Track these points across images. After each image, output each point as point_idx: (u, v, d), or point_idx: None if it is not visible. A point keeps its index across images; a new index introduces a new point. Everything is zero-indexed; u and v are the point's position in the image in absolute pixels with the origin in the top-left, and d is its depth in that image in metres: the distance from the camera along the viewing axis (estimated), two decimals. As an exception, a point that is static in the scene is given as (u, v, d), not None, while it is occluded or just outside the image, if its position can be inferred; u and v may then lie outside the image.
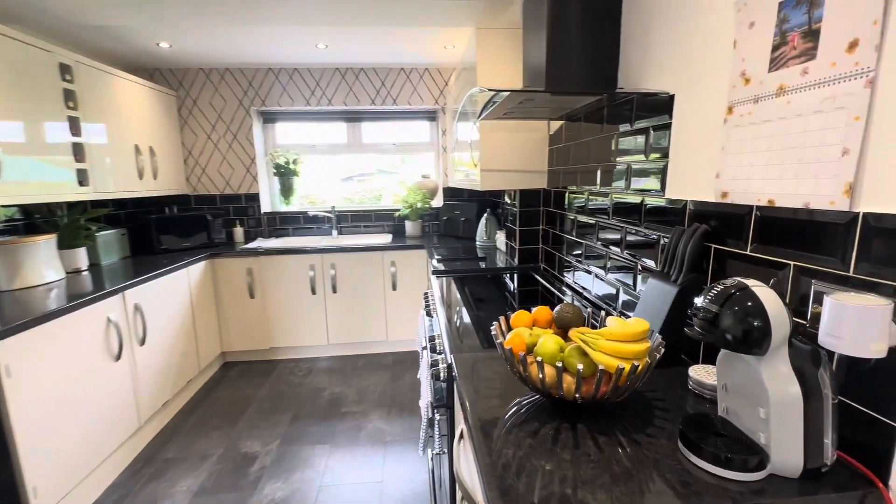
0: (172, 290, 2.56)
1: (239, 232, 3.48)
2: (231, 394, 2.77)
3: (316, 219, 3.65)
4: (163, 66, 3.24)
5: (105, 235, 2.66)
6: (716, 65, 1.01)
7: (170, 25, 2.40)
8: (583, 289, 1.78)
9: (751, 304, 0.66)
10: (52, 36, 2.47)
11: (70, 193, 2.21)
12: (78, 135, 2.27)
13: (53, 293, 1.93)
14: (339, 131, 3.70)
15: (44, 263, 2.11)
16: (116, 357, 2.03)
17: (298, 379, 2.95)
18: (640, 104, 1.33)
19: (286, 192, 3.69)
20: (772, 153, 0.85)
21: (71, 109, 2.23)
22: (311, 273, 3.11)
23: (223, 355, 3.23)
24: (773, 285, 0.66)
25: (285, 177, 3.65)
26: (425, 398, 1.42)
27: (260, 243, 3.32)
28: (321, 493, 1.88)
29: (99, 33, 2.49)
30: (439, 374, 1.30)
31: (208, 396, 2.75)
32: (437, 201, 3.73)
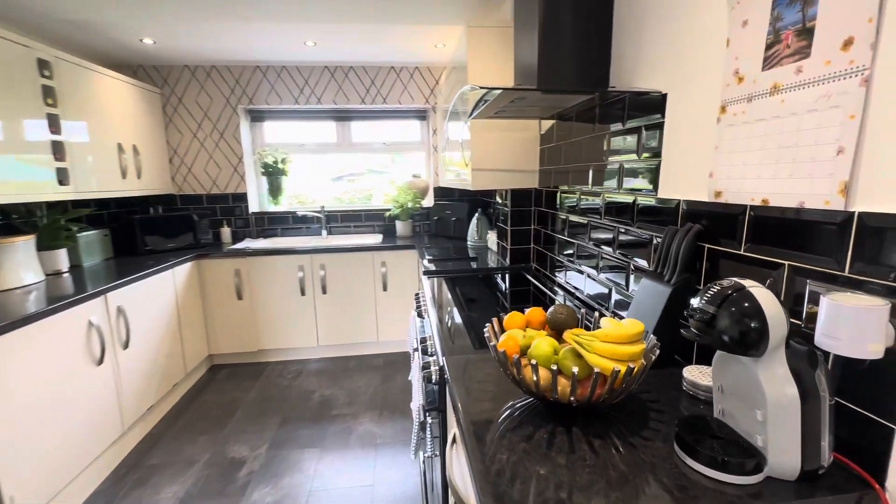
0: (157, 292, 2.50)
1: (226, 232, 3.42)
2: (218, 397, 2.72)
3: (305, 219, 3.60)
4: (147, 62, 3.17)
5: (87, 236, 2.59)
6: (709, 63, 1.01)
7: (152, 20, 2.34)
8: (575, 289, 1.77)
9: (748, 305, 0.65)
10: (29, 31, 2.40)
11: (50, 193, 2.15)
12: (58, 132, 2.20)
13: (32, 296, 1.87)
14: (328, 130, 3.65)
15: (22, 265, 2.05)
16: (98, 361, 1.98)
17: (287, 381, 2.91)
18: (632, 103, 1.32)
19: (274, 191, 3.64)
20: (766, 152, 0.84)
21: (50, 106, 2.16)
22: (301, 274, 3.07)
23: (210, 358, 3.17)
24: (769, 285, 0.65)
25: (273, 176, 3.59)
26: (417, 401, 1.40)
27: (248, 244, 3.27)
28: (311, 498, 1.85)
29: (79, 28, 2.43)
30: (431, 377, 1.28)
31: (195, 400, 2.69)
32: (428, 201, 3.71)
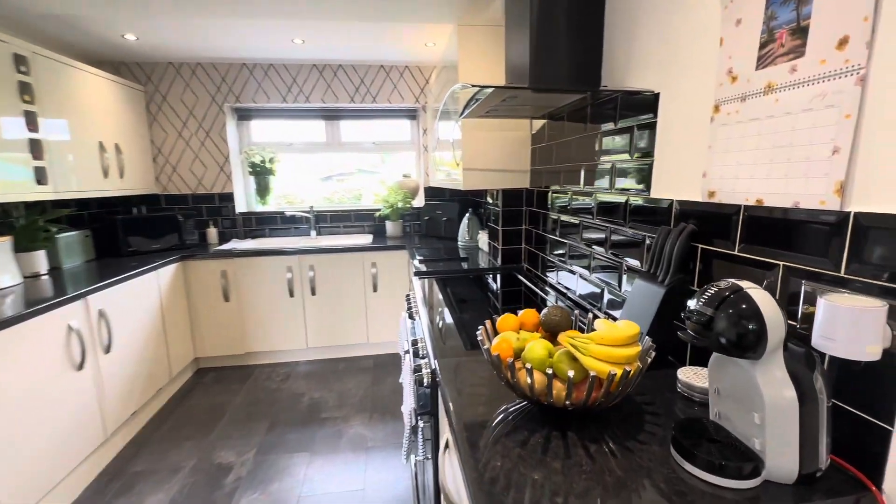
0: (141, 294, 2.43)
1: (213, 233, 3.35)
2: (205, 401, 2.66)
3: (294, 219, 3.55)
4: (129, 59, 3.09)
5: (67, 237, 2.52)
6: (702, 63, 1.00)
7: (133, 16, 2.28)
8: (566, 289, 1.76)
9: (745, 306, 0.64)
10: (5, 25, 2.31)
11: (27, 193, 2.07)
12: (35, 130, 2.13)
13: (9, 299, 1.81)
14: (317, 129, 3.60)
15: (-2, 268, 1.98)
16: (79, 366, 1.92)
17: (276, 384, 2.86)
18: (624, 102, 1.31)
19: (262, 191, 3.58)
20: (760, 152, 0.84)
21: (27, 103, 2.09)
22: (289, 275, 3.02)
23: (196, 361, 3.10)
24: (767, 286, 0.64)
25: (261, 176, 3.54)
26: (408, 404, 1.37)
27: (235, 244, 3.21)
28: (300, 504, 1.81)
29: (58, 23, 2.35)
30: (423, 380, 1.26)
31: (180, 405, 2.63)
32: (419, 201, 3.68)
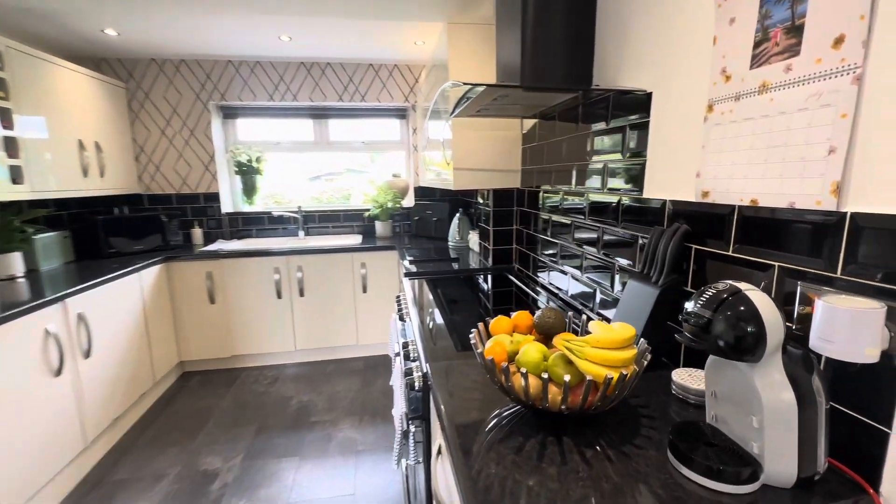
0: (122, 297, 2.37)
1: (198, 233, 3.28)
2: (190, 406, 2.60)
3: (281, 219, 3.49)
4: (110, 55, 3.01)
5: (44, 238, 2.44)
6: (695, 62, 0.99)
7: (113, 10, 2.21)
8: (558, 289, 1.75)
9: (743, 309, 0.63)
10: (-21, 18, 2.23)
11: (2, 192, 2.00)
12: (10, 128, 2.05)
13: (-19, 303, 1.74)
14: (305, 128, 3.55)
15: (-30, 270, 1.90)
16: (57, 372, 1.85)
17: (263, 387, 2.81)
18: (616, 102, 1.30)
19: (249, 191, 3.51)
20: (754, 152, 0.83)
21: (1, 100, 2.01)
22: (277, 276, 2.97)
23: (181, 365, 3.03)
24: (764, 288, 0.63)
25: (248, 175, 3.47)
26: (399, 408, 1.35)
27: (221, 245, 3.14)
28: (289, 511, 1.78)
29: (34, 17, 2.27)
30: (414, 384, 1.23)
31: (164, 410, 2.57)
32: (408, 201, 3.65)
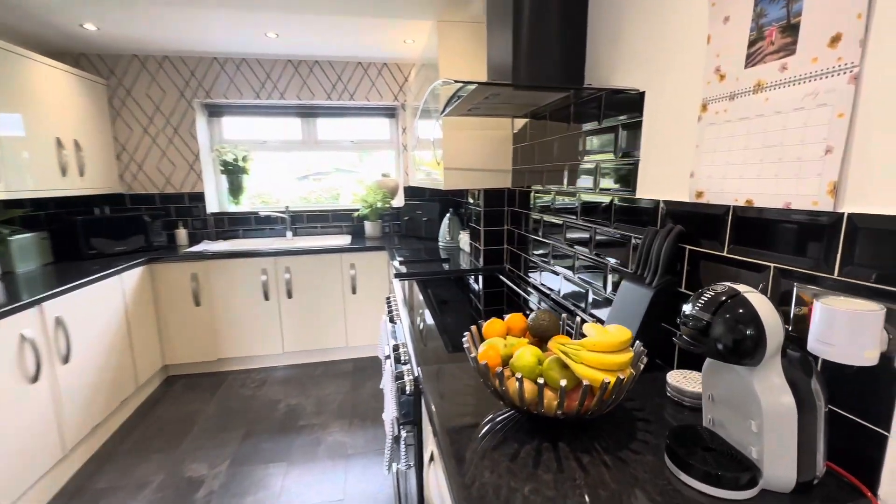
0: (103, 300, 2.29)
1: (182, 234, 3.21)
2: (174, 411, 2.54)
3: (269, 219, 3.43)
4: (89, 51, 2.92)
5: (21, 240, 2.35)
6: (688, 61, 0.98)
7: (91, 4, 2.14)
8: (549, 290, 1.74)
9: (743, 311, 0.61)
10: (-51, 11, 2.15)
11: (-26, 192, 1.93)
12: (-17, 125, 1.98)
13: (-48, 308, 1.67)
14: (293, 127, 3.50)
15: (-59, 273, 1.82)
16: (33, 378, 1.78)
17: (251, 391, 2.75)
18: (608, 101, 1.29)
19: (235, 191, 3.44)
20: (750, 152, 0.82)
21: (-26, 96, 1.94)
22: (264, 277, 2.91)
23: (165, 369, 2.96)
24: (762, 289, 0.62)
25: (234, 175, 3.40)
26: (390, 413, 1.32)
27: (206, 246, 3.07)
28: (276, 518, 1.74)
29: (8, 10, 2.19)
30: (405, 388, 1.21)
31: (148, 416, 2.50)
32: (398, 201, 3.62)
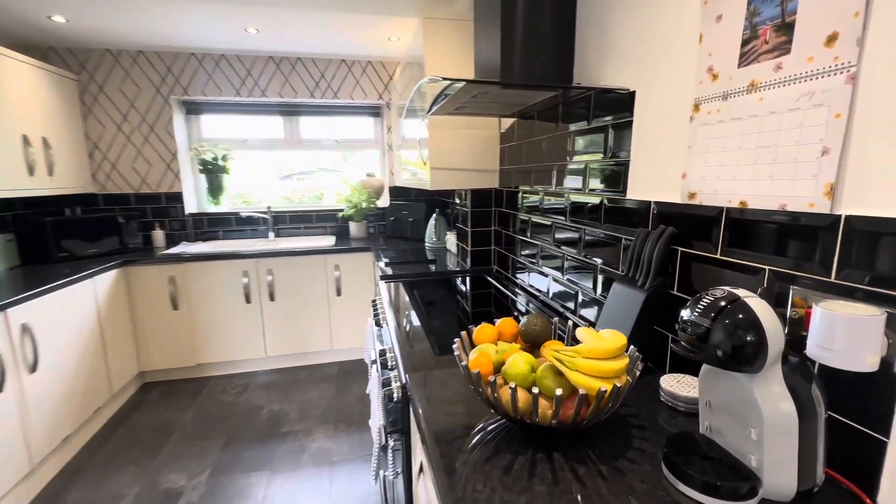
0: (74, 305, 2.19)
1: (159, 235, 3.10)
2: (151, 420, 2.44)
3: (250, 220, 3.34)
4: (59, 44, 2.79)
5: (-16, 242, 2.24)
6: (680, 60, 0.97)
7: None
8: (538, 291, 1.72)
9: (743, 317, 0.60)
10: None
11: (-69, 192, 1.81)
12: (-59, 121, 1.87)
13: None
14: (275, 125, 3.41)
15: None
16: (-3, 389, 1.69)
17: (232, 397, 2.67)
18: (598, 101, 1.28)
19: (215, 190, 3.34)
20: (744, 152, 0.81)
21: (-70, 90, 1.83)
22: (245, 280, 2.83)
23: (141, 375, 2.85)
24: (762, 294, 0.60)
25: (213, 174, 3.30)
26: (377, 420, 1.28)
27: (184, 248, 2.98)
28: (259, 529, 1.68)
29: (-30, 0, 2.08)
30: (392, 395, 1.17)
31: (122, 425, 2.40)
32: (383, 201, 3.57)
